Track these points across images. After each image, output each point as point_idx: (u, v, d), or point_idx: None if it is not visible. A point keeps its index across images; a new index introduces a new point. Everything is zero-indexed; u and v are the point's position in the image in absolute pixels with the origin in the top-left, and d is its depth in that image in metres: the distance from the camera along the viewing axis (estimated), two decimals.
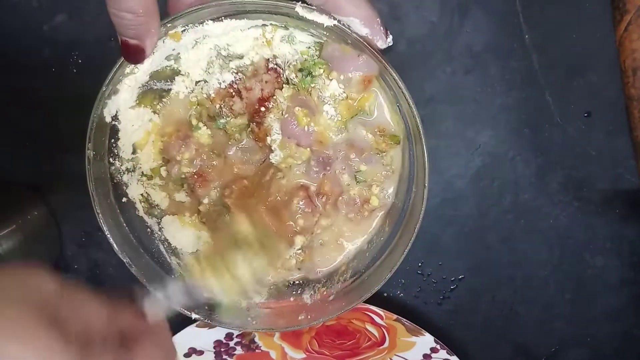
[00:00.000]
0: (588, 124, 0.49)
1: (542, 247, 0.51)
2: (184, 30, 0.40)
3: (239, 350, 0.52)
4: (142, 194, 0.46)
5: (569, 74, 0.49)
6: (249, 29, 0.42)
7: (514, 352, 0.53)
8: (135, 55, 0.37)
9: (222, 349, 0.52)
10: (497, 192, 0.51)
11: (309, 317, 0.45)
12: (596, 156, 0.49)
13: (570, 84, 0.49)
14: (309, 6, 0.37)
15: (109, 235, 0.42)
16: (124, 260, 0.43)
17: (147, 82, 0.42)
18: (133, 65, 0.40)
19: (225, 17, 0.40)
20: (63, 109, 0.50)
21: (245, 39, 0.42)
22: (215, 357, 0.52)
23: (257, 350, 0.52)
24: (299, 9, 0.37)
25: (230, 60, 0.43)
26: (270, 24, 0.41)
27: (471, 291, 0.52)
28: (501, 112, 0.50)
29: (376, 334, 0.51)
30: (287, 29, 0.41)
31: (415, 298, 0.52)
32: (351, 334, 0.51)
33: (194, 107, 0.45)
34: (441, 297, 0.52)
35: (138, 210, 0.46)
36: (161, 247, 0.47)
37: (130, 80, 0.41)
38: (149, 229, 0.46)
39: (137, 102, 0.43)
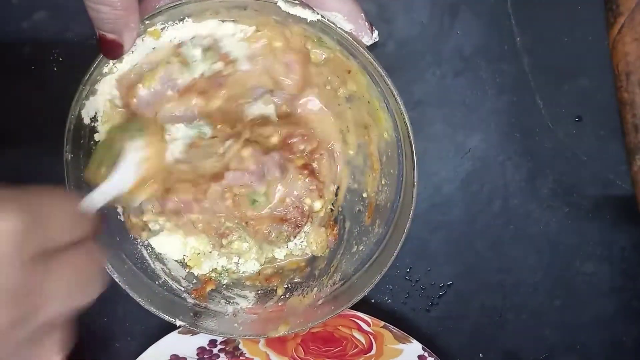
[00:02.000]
0: (579, 128, 0.49)
1: (531, 253, 0.50)
2: (164, 27, 0.39)
3: (222, 358, 0.51)
4: None
5: (560, 77, 0.48)
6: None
7: (503, 359, 0.52)
8: (113, 50, 0.35)
9: (206, 356, 0.51)
10: (487, 197, 0.50)
11: (297, 322, 0.44)
12: (587, 161, 0.49)
13: (561, 88, 0.49)
14: (292, 0, 0.36)
15: None
16: (105, 267, 0.42)
17: None
18: (112, 65, 0.39)
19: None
20: (44, 108, 0.49)
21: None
22: None
23: (241, 358, 0.51)
24: (282, 3, 0.36)
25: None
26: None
27: (460, 297, 0.51)
28: (491, 115, 0.49)
29: (363, 341, 0.50)
30: None
31: (403, 305, 0.52)
32: (338, 341, 0.50)
33: None
34: (429, 304, 0.52)
35: (120, 215, 0.45)
36: (144, 252, 0.46)
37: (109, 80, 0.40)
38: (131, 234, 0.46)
39: None
